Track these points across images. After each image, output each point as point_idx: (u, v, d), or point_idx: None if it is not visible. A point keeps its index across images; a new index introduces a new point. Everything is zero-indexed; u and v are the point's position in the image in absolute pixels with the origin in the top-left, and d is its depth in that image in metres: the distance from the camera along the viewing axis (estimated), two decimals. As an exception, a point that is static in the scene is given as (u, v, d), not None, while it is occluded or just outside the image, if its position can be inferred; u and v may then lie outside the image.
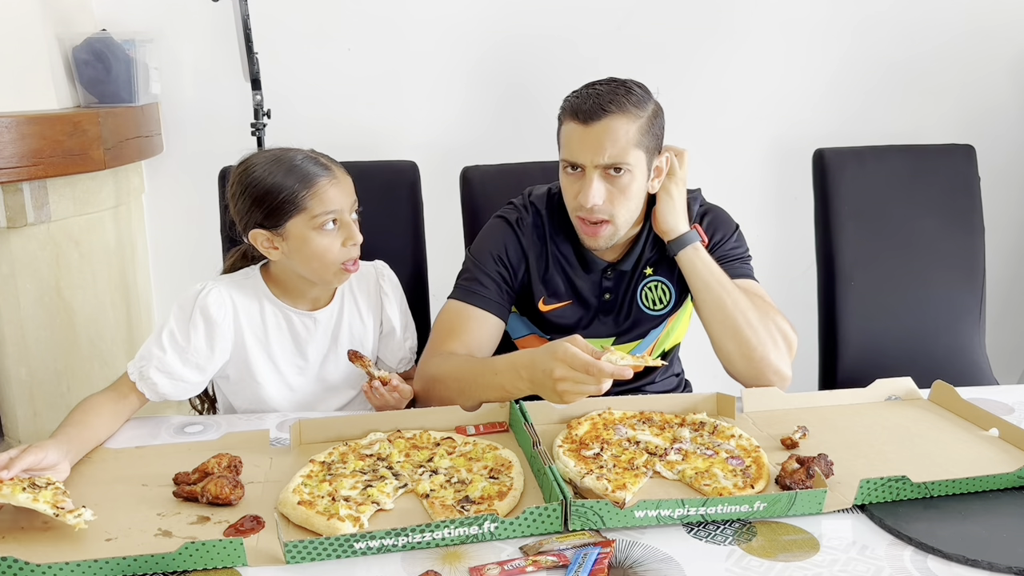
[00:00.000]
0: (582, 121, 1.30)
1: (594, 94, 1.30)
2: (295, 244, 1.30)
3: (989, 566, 0.86)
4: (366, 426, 1.19)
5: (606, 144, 1.28)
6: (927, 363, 1.82)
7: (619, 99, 1.29)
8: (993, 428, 1.18)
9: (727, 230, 1.47)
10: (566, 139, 1.34)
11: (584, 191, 1.31)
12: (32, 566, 0.84)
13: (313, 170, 1.29)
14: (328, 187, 1.29)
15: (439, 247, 1.87)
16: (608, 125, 1.28)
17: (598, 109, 1.28)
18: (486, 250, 1.45)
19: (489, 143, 2.34)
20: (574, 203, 1.35)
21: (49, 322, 2.08)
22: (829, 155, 1.86)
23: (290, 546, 0.88)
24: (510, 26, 2.34)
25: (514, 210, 1.48)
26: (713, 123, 2.43)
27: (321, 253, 1.29)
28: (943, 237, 1.86)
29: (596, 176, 1.30)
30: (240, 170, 1.32)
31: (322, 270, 1.32)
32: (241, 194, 1.31)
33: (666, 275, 1.45)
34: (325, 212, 1.28)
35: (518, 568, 0.87)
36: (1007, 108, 2.46)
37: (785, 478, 1.02)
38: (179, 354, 1.27)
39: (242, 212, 1.32)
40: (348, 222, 1.31)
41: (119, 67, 2.15)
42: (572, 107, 1.32)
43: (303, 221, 1.28)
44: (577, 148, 1.31)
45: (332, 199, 1.29)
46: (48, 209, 2.02)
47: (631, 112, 1.30)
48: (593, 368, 1.05)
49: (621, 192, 1.32)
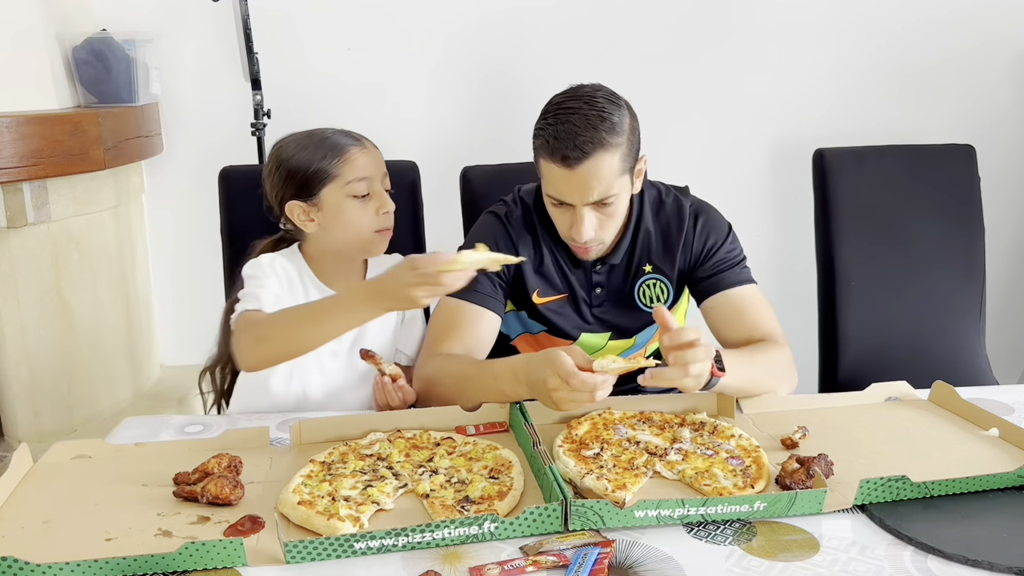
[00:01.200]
0: (564, 165, 1.24)
1: (571, 132, 1.23)
2: (330, 213, 1.36)
3: (989, 566, 0.86)
4: (366, 426, 1.19)
5: (593, 184, 1.26)
6: (927, 363, 1.82)
7: (598, 135, 1.23)
8: (993, 428, 1.18)
9: (720, 233, 1.45)
10: (549, 178, 1.30)
11: (576, 227, 1.31)
12: (32, 566, 0.84)
13: (343, 140, 1.37)
14: (359, 155, 1.36)
15: (439, 247, 1.86)
16: (592, 166, 1.24)
17: (579, 153, 1.23)
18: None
19: (489, 143, 2.34)
20: (566, 233, 1.36)
21: (49, 322, 2.08)
22: (829, 155, 1.86)
23: (290, 546, 0.88)
24: (510, 26, 2.34)
25: (503, 205, 1.49)
26: (713, 123, 2.44)
27: (356, 220, 1.36)
28: (943, 237, 1.86)
29: (586, 212, 1.30)
30: (275, 149, 1.40)
31: (357, 238, 1.38)
32: (276, 171, 1.38)
33: (664, 273, 1.45)
34: (357, 178, 1.34)
35: (518, 568, 0.87)
36: (1007, 108, 2.46)
37: (785, 478, 1.02)
38: (271, 284, 1.34)
39: (277, 187, 1.38)
40: (380, 191, 1.37)
41: (119, 67, 2.15)
42: (550, 148, 1.25)
43: (337, 188, 1.34)
44: (564, 190, 1.29)
45: (364, 166, 1.35)
46: (48, 209, 2.02)
47: (611, 145, 1.24)
48: (574, 380, 1.07)
49: (610, 217, 1.33)
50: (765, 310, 1.40)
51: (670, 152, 2.36)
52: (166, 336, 2.57)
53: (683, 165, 2.30)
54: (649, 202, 1.46)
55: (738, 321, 1.38)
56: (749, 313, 1.39)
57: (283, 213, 1.38)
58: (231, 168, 1.72)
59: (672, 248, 1.44)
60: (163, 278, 2.51)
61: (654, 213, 1.46)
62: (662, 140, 2.38)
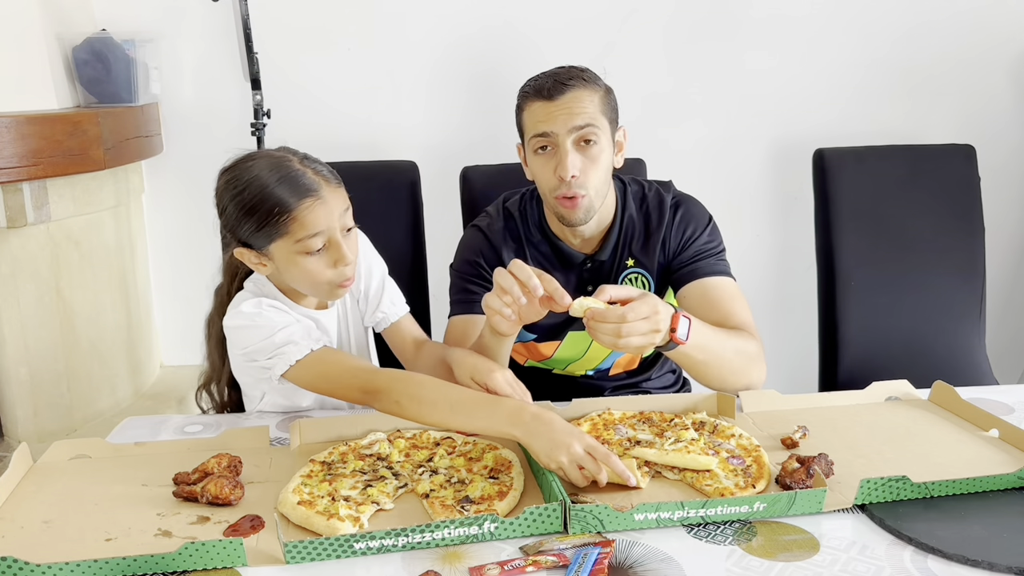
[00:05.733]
0: (547, 97, 1.34)
1: (552, 74, 1.37)
2: (282, 265, 1.23)
3: (989, 566, 0.86)
4: (366, 426, 1.19)
5: (575, 110, 1.33)
6: (927, 363, 1.82)
7: (577, 74, 1.36)
8: (993, 428, 1.18)
9: (699, 224, 1.46)
10: (532, 117, 1.37)
11: (561, 161, 1.33)
12: (32, 566, 0.84)
13: (297, 190, 1.18)
14: (312, 209, 1.17)
15: (439, 247, 1.87)
16: (574, 95, 1.33)
17: (560, 84, 1.34)
18: (464, 259, 1.49)
19: (489, 143, 2.34)
20: (552, 180, 1.36)
21: (49, 322, 2.08)
22: (829, 155, 1.86)
23: (290, 546, 0.88)
24: (510, 26, 2.34)
25: (485, 217, 1.52)
26: (713, 123, 2.43)
27: (310, 275, 1.22)
28: (943, 237, 1.86)
29: (570, 146, 1.33)
30: (223, 181, 1.24)
31: (313, 289, 1.27)
32: (225, 207, 1.23)
33: (646, 267, 1.46)
34: (308, 236, 1.18)
35: (518, 568, 0.87)
36: (1007, 108, 2.46)
37: (785, 478, 1.02)
38: (279, 319, 1.23)
39: (228, 225, 1.25)
40: (337, 242, 1.20)
41: (119, 67, 2.15)
42: (533, 88, 1.37)
43: (286, 245, 1.19)
44: (546, 120, 1.34)
45: (316, 222, 1.18)
46: (48, 209, 2.02)
47: (591, 84, 1.36)
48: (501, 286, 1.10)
49: (592, 162, 1.35)
50: (739, 302, 1.39)
51: (670, 152, 2.36)
52: (166, 336, 2.57)
53: (683, 165, 2.31)
54: (632, 196, 1.48)
55: (711, 309, 1.37)
56: (724, 302, 1.38)
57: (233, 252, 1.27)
58: (231, 168, 1.71)
59: (653, 241, 1.45)
60: (163, 278, 2.51)
61: (637, 206, 1.48)
62: (662, 140, 2.39)
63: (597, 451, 1.02)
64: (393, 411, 1.15)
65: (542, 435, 1.04)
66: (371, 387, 1.17)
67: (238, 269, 1.37)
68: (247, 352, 1.26)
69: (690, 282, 1.41)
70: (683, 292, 1.42)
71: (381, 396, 1.15)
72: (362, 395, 1.18)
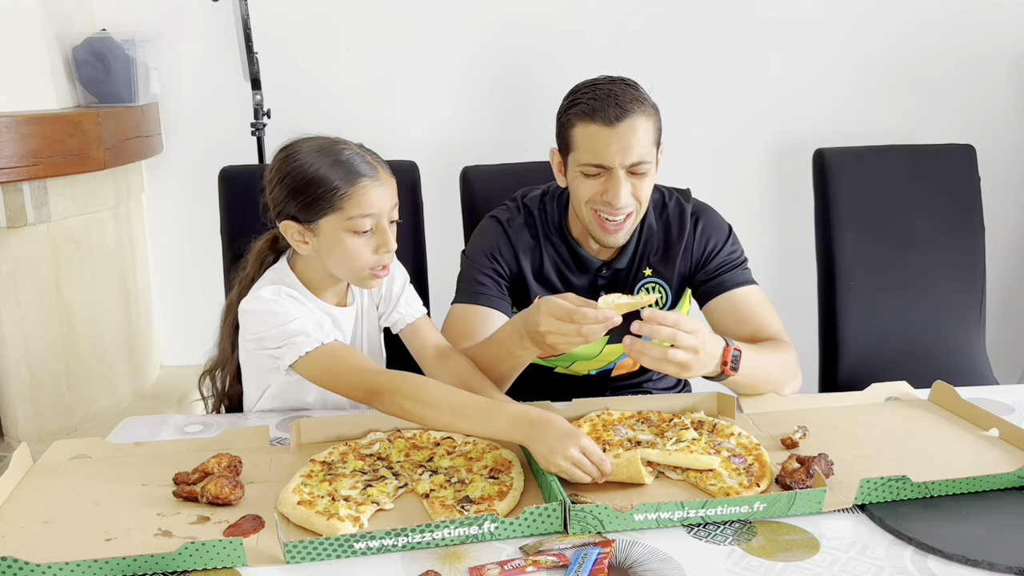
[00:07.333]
0: (606, 123, 1.28)
1: (610, 94, 1.29)
2: (326, 242, 1.25)
3: (989, 566, 0.86)
4: (366, 426, 1.19)
5: (633, 143, 1.29)
6: (927, 363, 1.82)
7: (638, 97, 1.31)
8: (993, 428, 1.18)
9: (720, 235, 1.46)
10: (586, 142, 1.31)
11: (613, 191, 1.31)
12: (32, 566, 0.84)
13: (357, 169, 1.23)
14: (370, 189, 1.23)
15: (439, 247, 1.87)
16: (633, 124, 1.28)
17: (620, 109, 1.28)
18: (480, 250, 1.46)
19: (489, 143, 2.34)
20: (599, 202, 1.34)
21: (49, 322, 2.08)
22: (829, 155, 1.86)
23: (290, 546, 0.88)
24: (511, 26, 2.34)
25: (506, 210, 1.50)
26: (713, 123, 2.44)
27: (351, 256, 1.25)
28: (943, 237, 1.86)
29: (622, 177, 1.31)
30: (282, 156, 1.27)
31: (350, 273, 1.29)
32: (279, 181, 1.26)
33: (664, 277, 1.45)
34: (361, 215, 1.23)
35: (518, 568, 0.87)
36: (1007, 108, 2.46)
37: (785, 478, 1.02)
38: (294, 309, 1.24)
39: (277, 200, 1.27)
40: (384, 228, 1.25)
41: (119, 67, 2.15)
42: (590, 109, 1.29)
43: (337, 221, 1.23)
44: (603, 150, 1.29)
45: (370, 202, 1.23)
46: (48, 209, 2.02)
47: (648, 110, 1.31)
48: (576, 315, 1.09)
49: (639, 188, 1.34)
50: (769, 310, 1.41)
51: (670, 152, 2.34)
52: (166, 336, 2.57)
53: (684, 165, 2.30)
54: (653, 204, 1.46)
55: (744, 322, 1.38)
56: (755, 314, 1.39)
57: (278, 225, 1.30)
58: (231, 168, 1.72)
59: (673, 252, 1.45)
60: (163, 278, 2.51)
61: (657, 215, 1.47)
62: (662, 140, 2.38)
63: (593, 454, 1.03)
64: (396, 413, 1.16)
65: (542, 440, 1.05)
66: (375, 388, 1.17)
67: (266, 258, 1.38)
68: (259, 338, 1.26)
69: (718, 295, 1.42)
70: (712, 306, 1.42)
71: (384, 398, 1.16)
72: (366, 395, 1.18)
